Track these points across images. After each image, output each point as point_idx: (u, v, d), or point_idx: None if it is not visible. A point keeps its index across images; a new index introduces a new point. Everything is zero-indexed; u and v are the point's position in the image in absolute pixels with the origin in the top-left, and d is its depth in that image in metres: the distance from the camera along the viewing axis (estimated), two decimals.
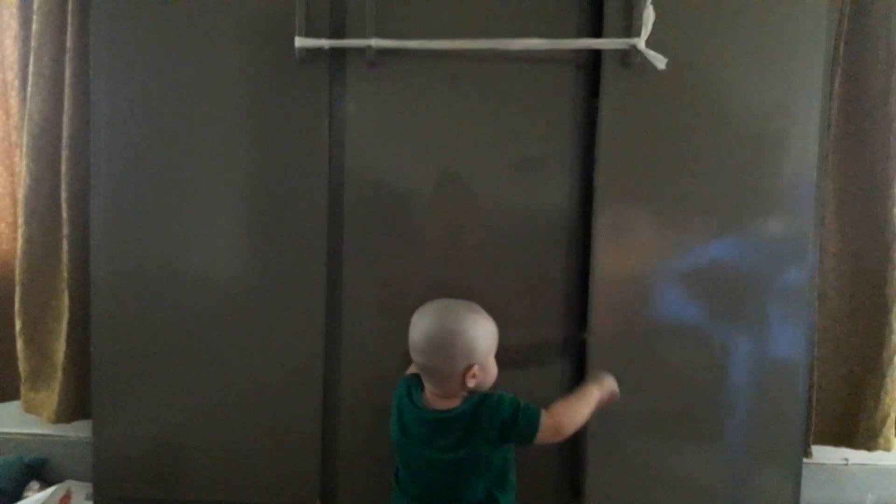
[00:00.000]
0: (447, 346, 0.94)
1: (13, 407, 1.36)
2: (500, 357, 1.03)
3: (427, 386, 0.99)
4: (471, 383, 0.94)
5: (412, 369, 1.09)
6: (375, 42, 1.08)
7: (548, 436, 0.94)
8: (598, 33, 1.11)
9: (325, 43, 1.09)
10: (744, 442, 1.17)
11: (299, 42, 1.09)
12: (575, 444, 1.18)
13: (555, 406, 0.97)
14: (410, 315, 1.05)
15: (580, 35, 1.12)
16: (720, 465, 1.17)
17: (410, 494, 1.00)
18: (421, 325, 0.98)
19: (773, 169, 1.13)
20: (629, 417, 1.16)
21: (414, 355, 1.00)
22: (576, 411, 0.97)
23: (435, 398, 0.98)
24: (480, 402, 0.94)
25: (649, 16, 1.06)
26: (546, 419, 0.94)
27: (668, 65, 1.08)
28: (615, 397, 1.04)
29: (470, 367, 0.94)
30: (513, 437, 0.94)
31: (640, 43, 1.06)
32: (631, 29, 1.07)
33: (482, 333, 0.96)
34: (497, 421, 0.93)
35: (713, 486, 1.18)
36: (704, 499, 1.18)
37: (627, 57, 1.09)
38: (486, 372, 0.96)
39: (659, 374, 1.16)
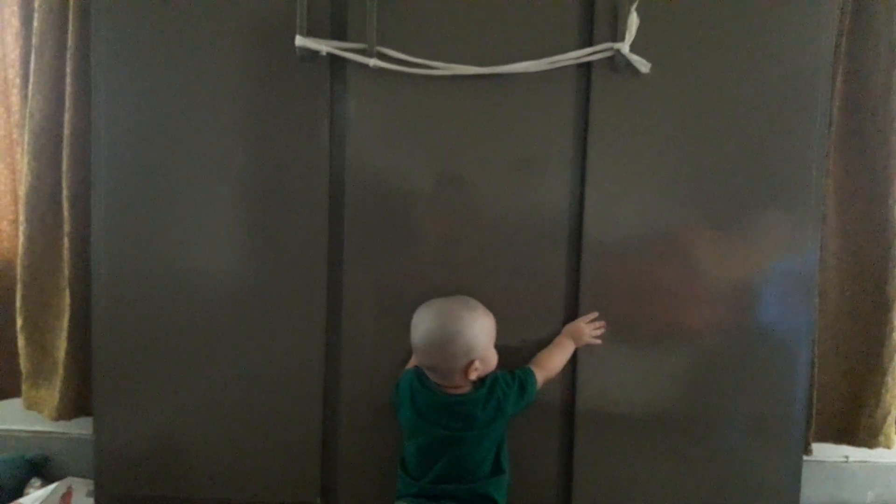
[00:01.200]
0: (448, 347, 0.98)
1: (14, 404, 1.36)
2: (498, 356, 1.05)
3: (432, 377, 1.03)
4: (472, 376, 1.00)
5: (413, 363, 1.11)
6: (374, 62, 1.09)
7: (541, 387, 1.08)
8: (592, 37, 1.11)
9: (324, 47, 1.09)
10: (744, 440, 1.17)
11: (300, 41, 1.09)
12: (564, 444, 1.18)
13: (541, 360, 1.10)
14: (411, 314, 1.06)
15: (581, 35, 1.11)
16: (720, 463, 1.17)
17: (422, 479, 1.02)
18: (421, 327, 1.02)
19: (773, 167, 1.13)
20: (622, 417, 1.16)
21: (416, 355, 1.03)
22: (558, 363, 1.11)
23: (444, 386, 1.02)
24: (492, 384, 1.03)
25: (633, 21, 1.06)
26: (539, 375, 1.08)
27: (662, 67, 1.09)
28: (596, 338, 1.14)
29: (471, 362, 0.99)
30: (525, 405, 1.06)
31: (625, 47, 1.07)
32: (617, 34, 1.08)
33: (480, 330, 1.01)
34: (512, 398, 1.03)
35: (713, 484, 1.18)
36: (704, 497, 1.18)
37: (615, 61, 1.09)
38: (486, 363, 1.02)
39: (655, 373, 1.16)
